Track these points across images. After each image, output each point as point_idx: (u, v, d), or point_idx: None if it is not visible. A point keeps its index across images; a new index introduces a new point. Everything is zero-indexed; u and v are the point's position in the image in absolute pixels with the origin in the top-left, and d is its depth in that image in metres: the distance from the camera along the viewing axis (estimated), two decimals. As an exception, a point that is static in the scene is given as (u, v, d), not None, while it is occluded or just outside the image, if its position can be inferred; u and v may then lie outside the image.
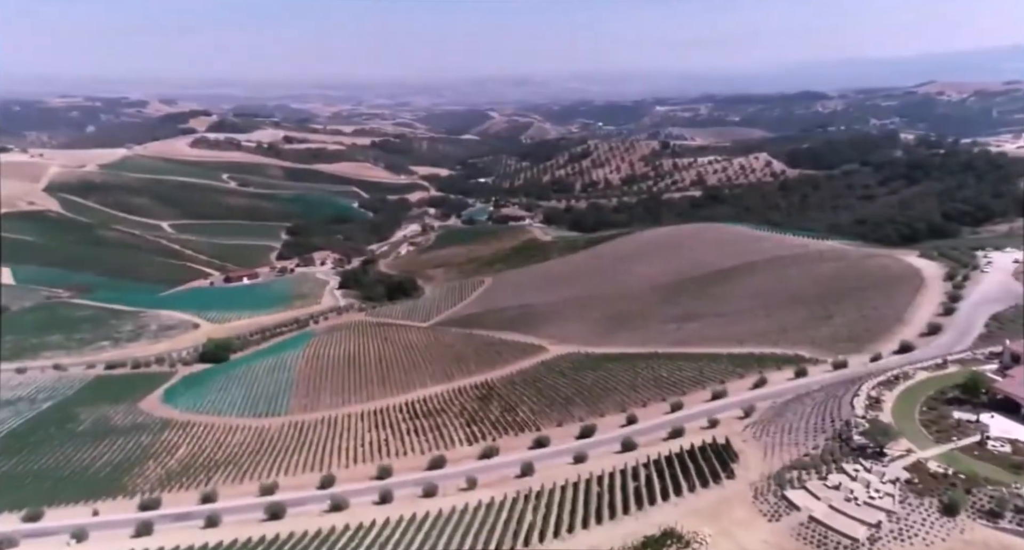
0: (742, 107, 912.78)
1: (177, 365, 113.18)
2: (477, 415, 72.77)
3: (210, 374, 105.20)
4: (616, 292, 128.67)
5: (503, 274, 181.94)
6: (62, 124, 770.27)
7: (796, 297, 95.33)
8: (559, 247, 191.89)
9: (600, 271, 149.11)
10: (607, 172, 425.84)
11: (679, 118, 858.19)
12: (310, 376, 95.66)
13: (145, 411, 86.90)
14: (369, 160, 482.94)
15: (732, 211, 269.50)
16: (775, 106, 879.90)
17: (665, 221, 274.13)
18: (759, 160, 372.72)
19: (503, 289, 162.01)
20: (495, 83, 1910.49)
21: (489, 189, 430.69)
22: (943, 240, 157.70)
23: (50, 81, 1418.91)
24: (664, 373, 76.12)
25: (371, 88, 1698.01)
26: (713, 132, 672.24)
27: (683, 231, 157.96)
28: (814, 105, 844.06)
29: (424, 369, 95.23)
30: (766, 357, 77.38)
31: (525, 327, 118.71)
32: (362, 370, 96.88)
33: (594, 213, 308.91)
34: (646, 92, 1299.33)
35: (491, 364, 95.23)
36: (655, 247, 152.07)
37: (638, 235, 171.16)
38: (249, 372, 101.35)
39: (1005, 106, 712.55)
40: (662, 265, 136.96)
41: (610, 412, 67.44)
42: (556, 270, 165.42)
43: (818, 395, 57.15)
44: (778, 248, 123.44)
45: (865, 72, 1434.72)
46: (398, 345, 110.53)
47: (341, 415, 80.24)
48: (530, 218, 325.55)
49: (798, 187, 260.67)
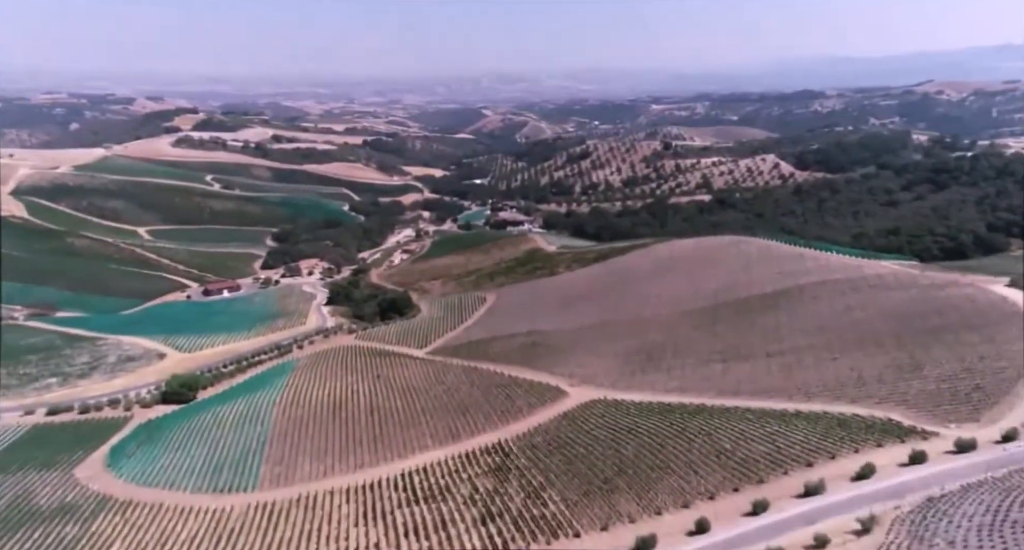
0: (739, 106, 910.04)
1: (134, 408, 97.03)
2: (493, 504, 57.05)
3: (170, 421, 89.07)
4: (639, 318, 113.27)
5: (506, 289, 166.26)
6: (45, 121, 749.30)
7: (866, 336, 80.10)
8: (566, 260, 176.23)
9: (617, 290, 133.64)
10: (607, 174, 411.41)
11: (676, 117, 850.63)
12: (287, 431, 79.77)
13: (81, 482, 70.68)
14: (361, 160, 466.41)
15: (743, 217, 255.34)
16: (773, 105, 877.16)
17: (672, 227, 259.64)
18: (766, 162, 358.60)
19: (507, 308, 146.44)
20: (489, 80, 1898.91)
21: (485, 190, 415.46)
22: (994, 255, 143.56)
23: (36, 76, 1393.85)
24: (727, 444, 60.65)
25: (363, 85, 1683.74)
26: (712, 131, 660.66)
27: (707, 245, 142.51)
28: (812, 104, 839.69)
29: (424, 423, 79.51)
30: (848, 420, 62.23)
31: (537, 360, 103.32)
32: (349, 423, 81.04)
33: (597, 218, 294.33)
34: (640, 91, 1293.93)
35: (503, 415, 79.75)
36: (678, 263, 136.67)
37: (656, 248, 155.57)
38: (215, 421, 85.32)
39: (1005, 105, 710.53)
40: (689, 285, 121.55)
41: (669, 508, 51.94)
42: (565, 287, 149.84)
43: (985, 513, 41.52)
44: (825, 269, 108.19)
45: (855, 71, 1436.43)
46: (393, 386, 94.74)
47: (322, 492, 64.42)
48: (529, 223, 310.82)
49: (814, 191, 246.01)
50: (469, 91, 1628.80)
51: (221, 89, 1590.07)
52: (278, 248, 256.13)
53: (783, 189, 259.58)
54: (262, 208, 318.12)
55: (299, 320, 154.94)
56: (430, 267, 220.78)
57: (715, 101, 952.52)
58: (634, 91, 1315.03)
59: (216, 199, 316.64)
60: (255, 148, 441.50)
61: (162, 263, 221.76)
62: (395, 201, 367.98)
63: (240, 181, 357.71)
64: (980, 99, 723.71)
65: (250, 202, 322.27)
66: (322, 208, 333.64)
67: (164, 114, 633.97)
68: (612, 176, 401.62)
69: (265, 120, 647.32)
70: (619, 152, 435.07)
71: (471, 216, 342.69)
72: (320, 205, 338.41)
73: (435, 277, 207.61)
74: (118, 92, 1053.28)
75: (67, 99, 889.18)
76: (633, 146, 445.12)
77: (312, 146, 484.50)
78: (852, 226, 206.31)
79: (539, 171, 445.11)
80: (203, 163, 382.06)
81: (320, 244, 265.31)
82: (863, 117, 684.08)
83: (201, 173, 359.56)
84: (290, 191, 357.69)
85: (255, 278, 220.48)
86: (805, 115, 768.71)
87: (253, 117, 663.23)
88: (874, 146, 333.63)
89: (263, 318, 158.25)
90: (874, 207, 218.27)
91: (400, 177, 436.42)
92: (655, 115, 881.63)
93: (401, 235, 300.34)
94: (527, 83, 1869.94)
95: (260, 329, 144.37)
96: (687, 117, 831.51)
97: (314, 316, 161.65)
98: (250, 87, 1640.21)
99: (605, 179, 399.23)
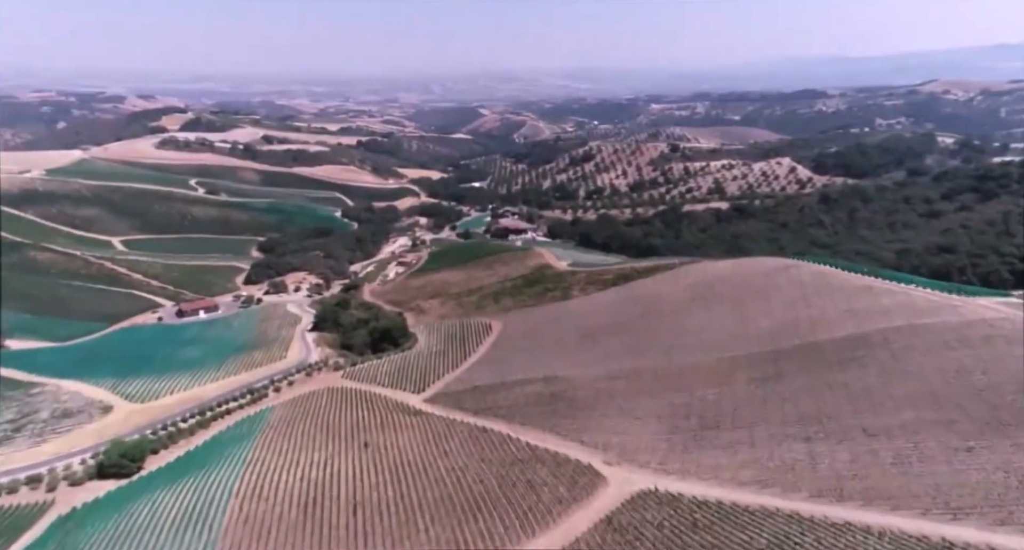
0: (739, 105, 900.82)
1: (60, 486, 77.78)
2: None
3: (96, 516, 69.35)
4: (679, 364, 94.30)
5: (513, 315, 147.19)
6: (32, 120, 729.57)
7: (1002, 414, 61.20)
8: (580, 280, 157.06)
9: (646, 324, 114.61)
10: (613, 177, 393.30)
11: (676, 117, 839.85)
12: (241, 541, 60.51)
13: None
14: (354, 162, 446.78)
15: (766, 227, 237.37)
16: (774, 104, 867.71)
17: (688, 238, 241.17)
18: (782, 165, 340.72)
19: (516, 341, 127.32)
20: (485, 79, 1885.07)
21: (485, 194, 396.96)
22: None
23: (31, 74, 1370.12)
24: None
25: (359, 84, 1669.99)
26: (716, 132, 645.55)
27: (749, 270, 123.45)
28: (815, 104, 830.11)
29: (421, 529, 60.24)
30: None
31: (560, 420, 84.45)
32: (325, 528, 61.50)
33: (605, 226, 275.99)
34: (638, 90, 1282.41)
35: (525, 519, 60.63)
36: (717, 292, 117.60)
37: (686, 270, 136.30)
38: (152, 519, 65.80)
39: (1014, 105, 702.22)
40: (736, 322, 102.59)
41: None
42: (583, 316, 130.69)
43: None
44: (908, 308, 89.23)
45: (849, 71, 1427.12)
46: (383, 461, 75.45)
47: None
48: (532, 231, 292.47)
49: (842, 199, 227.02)
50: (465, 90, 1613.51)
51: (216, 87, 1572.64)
52: (263, 260, 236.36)
53: (807, 196, 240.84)
54: (248, 215, 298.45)
55: (279, 352, 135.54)
56: (428, 283, 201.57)
57: (715, 100, 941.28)
58: (632, 90, 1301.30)
59: (199, 205, 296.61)
60: (244, 150, 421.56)
61: (134, 279, 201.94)
62: (390, 206, 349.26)
63: (226, 185, 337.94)
64: (988, 99, 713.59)
65: (236, 208, 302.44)
66: (312, 214, 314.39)
67: (151, 114, 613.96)
68: (618, 180, 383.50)
69: (256, 120, 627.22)
70: (624, 154, 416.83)
71: (470, 223, 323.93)
72: (310, 211, 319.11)
73: (433, 295, 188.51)
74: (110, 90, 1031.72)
75: (56, 97, 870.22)
76: (639, 148, 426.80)
77: (304, 148, 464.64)
78: (892, 240, 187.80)
79: (541, 174, 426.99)
80: (188, 166, 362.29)
81: (309, 255, 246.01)
82: (869, 117, 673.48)
83: (185, 177, 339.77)
84: (279, 196, 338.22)
85: (236, 296, 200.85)
86: (809, 115, 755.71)
87: (244, 116, 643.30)
88: (897, 149, 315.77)
89: (238, 349, 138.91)
90: (912, 218, 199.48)
91: (395, 180, 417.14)
92: (655, 114, 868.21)
93: (396, 244, 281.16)
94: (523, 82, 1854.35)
95: (232, 365, 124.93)
96: (687, 117, 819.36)
97: (297, 346, 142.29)
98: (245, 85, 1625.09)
99: (610, 183, 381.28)
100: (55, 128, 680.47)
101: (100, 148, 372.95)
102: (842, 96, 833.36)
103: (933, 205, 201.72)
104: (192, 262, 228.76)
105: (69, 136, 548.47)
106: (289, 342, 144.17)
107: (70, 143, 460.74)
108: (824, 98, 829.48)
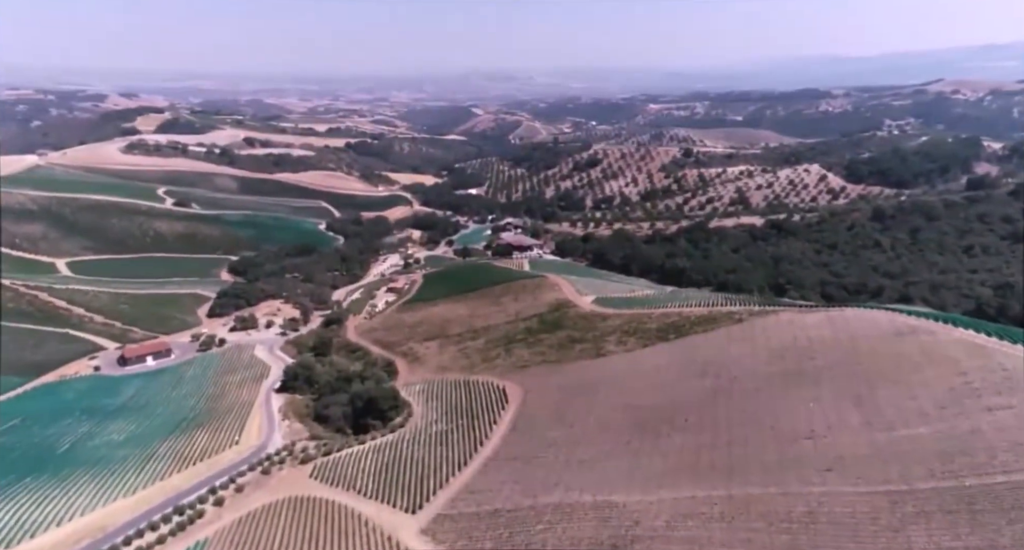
0: (740, 105, 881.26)
1: None
2: None
3: None
4: (806, 497, 63.59)
5: (533, 376, 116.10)
6: (6, 119, 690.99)
7: None
8: (615, 329, 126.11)
9: (724, 412, 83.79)
10: (622, 185, 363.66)
11: (675, 117, 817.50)
12: None
13: None
14: (342, 167, 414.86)
15: (811, 248, 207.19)
16: (776, 104, 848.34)
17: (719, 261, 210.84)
18: (811, 173, 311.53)
19: (544, 427, 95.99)
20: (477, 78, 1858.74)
21: (483, 203, 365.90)
22: None
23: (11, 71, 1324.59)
24: None
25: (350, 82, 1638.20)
26: (721, 133, 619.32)
27: (854, 329, 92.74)
28: (818, 104, 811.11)
29: None
30: None
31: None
32: None
33: (621, 244, 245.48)
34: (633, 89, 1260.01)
35: None
36: (817, 366, 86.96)
37: (759, 324, 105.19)
38: None
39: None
40: (864, 421, 72.05)
41: None
42: (629, 390, 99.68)
43: None
44: None
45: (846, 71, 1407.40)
46: None
47: None
48: (538, 247, 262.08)
49: (900, 216, 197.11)
50: (457, 89, 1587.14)
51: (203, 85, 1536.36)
52: (232, 287, 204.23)
53: (856, 212, 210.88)
54: (220, 229, 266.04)
55: (231, 434, 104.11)
56: (423, 319, 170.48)
57: (713, 100, 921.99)
58: (627, 89, 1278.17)
59: (164, 219, 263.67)
60: (220, 154, 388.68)
61: (73, 315, 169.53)
62: (380, 216, 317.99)
63: (199, 194, 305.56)
64: (998, 99, 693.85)
65: (206, 222, 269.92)
66: (293, 228, 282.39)
67: (126, 114, 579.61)
68: (627, 188, 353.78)
69: (238, 120, 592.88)
70: (632, 159, 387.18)
71: (469, 237, 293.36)
72: (291, 224, 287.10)
73: (430, 336, 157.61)
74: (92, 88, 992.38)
75: (33, 95, 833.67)
76: (648, 152, 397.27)
77: (288, 151, 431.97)
78: (976, 268, 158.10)
79: (542, 180, 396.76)
80: (157, 172, 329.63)
81: (285, 279, 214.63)
82: (876, 118, 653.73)
83: (153, 185, 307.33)
84: (257, 206, 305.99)
85: (195, 335, 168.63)
86: (814, 116, 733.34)
87: (226, 117, 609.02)
88: (939, 155, 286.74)
89: (178, 426, 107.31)
90: (994, 241, 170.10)
91: (386, 186, 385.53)
92: (653, 115, 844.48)
93: (386, 264, 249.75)
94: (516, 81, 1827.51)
95: (164, 460, 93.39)
96: (687, 117, 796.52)
97: (257, 420, 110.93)
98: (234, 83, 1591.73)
99: (620, 191, 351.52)
100: (28, 127, 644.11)
101: (58, 153, 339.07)
102: (846, 96, 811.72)
103: (1016, 225, 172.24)
104: (147, 290, 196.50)
105: (37, 137, 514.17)
106: (248, 414, 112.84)
107: (35, 145, 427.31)
108: (828, 98, 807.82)
